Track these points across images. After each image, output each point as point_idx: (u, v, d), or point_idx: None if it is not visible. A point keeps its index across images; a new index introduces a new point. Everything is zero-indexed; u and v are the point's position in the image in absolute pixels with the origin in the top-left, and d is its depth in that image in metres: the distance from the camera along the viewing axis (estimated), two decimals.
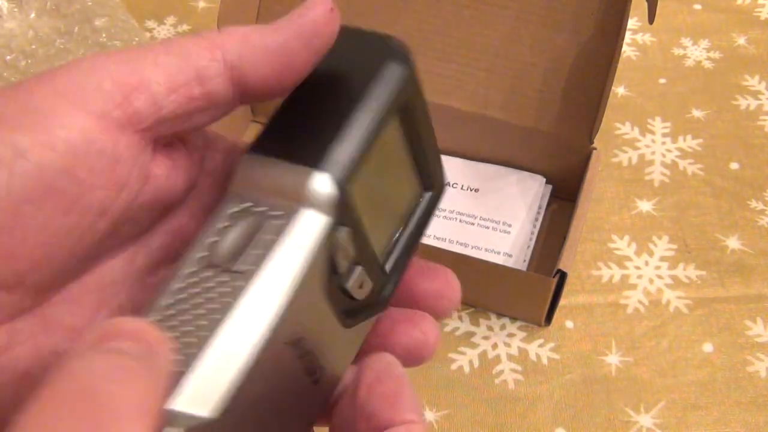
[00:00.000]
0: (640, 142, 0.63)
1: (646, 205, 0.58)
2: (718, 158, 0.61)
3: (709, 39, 0.70)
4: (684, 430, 0.47)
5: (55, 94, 0.20)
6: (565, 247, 0.48)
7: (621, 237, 0.57)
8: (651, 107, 0.65)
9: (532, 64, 0.56)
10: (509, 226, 0.56)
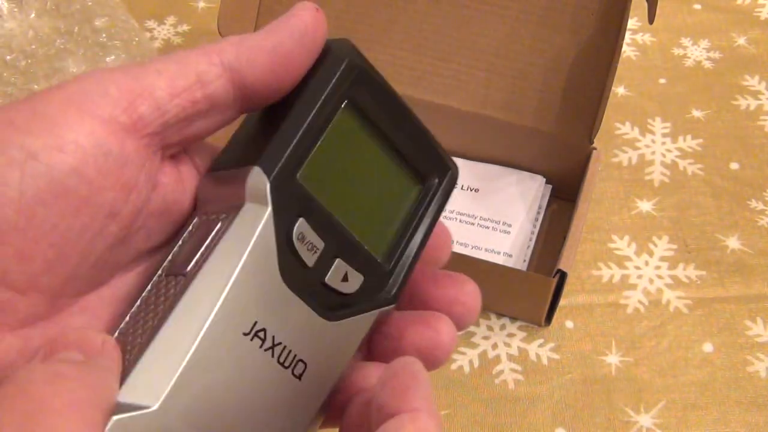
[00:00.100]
0: (640, 142, 0.63)
1: (646, 205, 0.58)
2: (718, 158, 0.61)
3: (709, 39, 0.70)
4: (684, 430, 0.47)
5: (64, 101, 0.21)
6: (565, 247, 0.48)
7: (621, 237, 0.57)
8: (651, 107, 0.65)
9: (532, 64, 0.56)
10: (509, 226, 0.56)
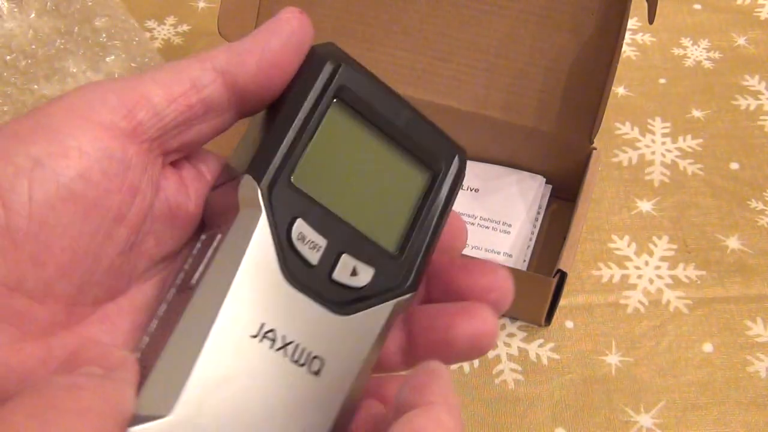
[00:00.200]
0: (640, 142, 0.63)
1: (646, 205, 0.58)
2: (718, 158, 0.61)
3: (709, 39, 0.70)
4: (684, 430, 0.47)
5: (65, 111, 0.23)
6: (565, 247, 0.48)
7: (621, 237, 0.57)
8: (651, 107, 0.65)
9: (532, 64, 0.56)
10: (509, 226, 0.55)
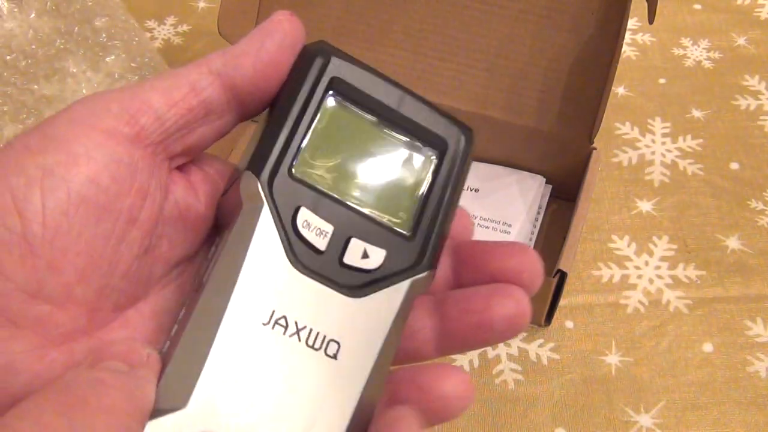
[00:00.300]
0: (640, 142, 0.63)
1: (646, 205, 0.58)
2: (718, 158, 0.61)
3: (709, 39, 0.70)
4: (684, 430, 0.47)
5: (70, 121, 0.23)
6: (565, 247, 0.48)
7: (621, 237, 0.57)
8: (651, 107, 0.65)
9: (532, 64, 0.56)
10: (509, 226, 0.55)
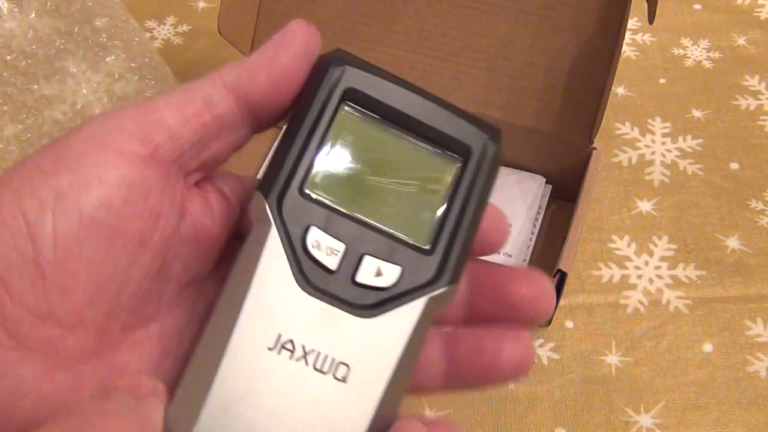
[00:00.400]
0: (640, 142, 0.63)
1: (646, 205, 0.58)
2: (718, 158, 0.61)
3: (709, 39, 0.70)
4: (684, 430, 0.47)
5: (84, 141, 0.23)
6: (565, 247, 0.48)
7: (621, 237, 0.57)
8: (651, 107, 0.65)
9: (532, 64, 0.56)
10: (509, 226, 0.55)
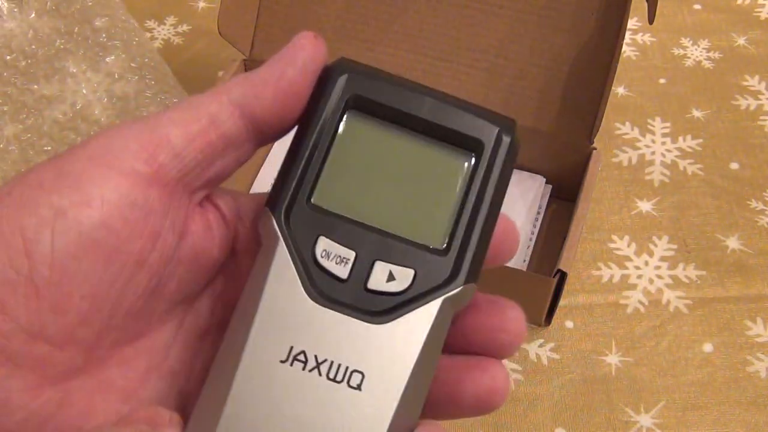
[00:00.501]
0: (640, 142, 0.63)
1: (646, 205, 0.58)
2: (718, 158, 0.61)
3: (709, 39, 0.70)
4: (684, 430, 0.47)
5: (88, 158, 0.23)
6: (565, 247, 0.48)
7: (621, 237, 0.57)
8: (651, 107, 0.65)
9: (532, 64, 0.56)
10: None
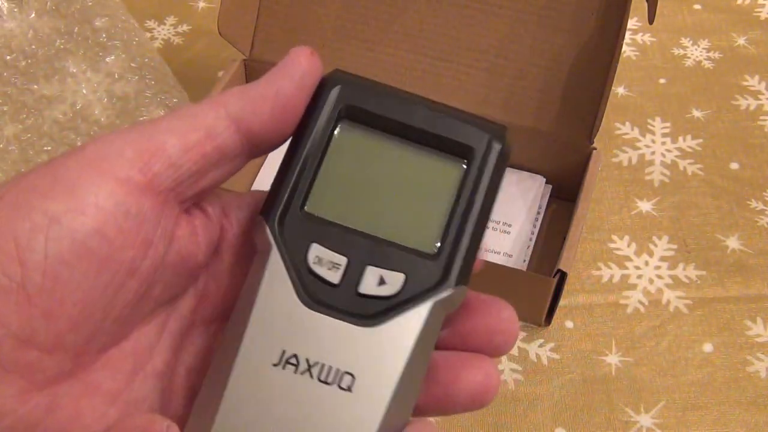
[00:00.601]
0: (640, 142, 0.63)
1: (646, 205, 0.58)
2: (718, 158, 0.61)
3: (709, 39, 0.70)
4: (684, 430, 0.47)
5: (83, 165, 0.23)
6: (565, 247, 0.48)
7: (621, 237, 0.57)
8: (651, 107, 0.65)
9: (532, 64, 0.56)
10: (509, 226, 0.55)
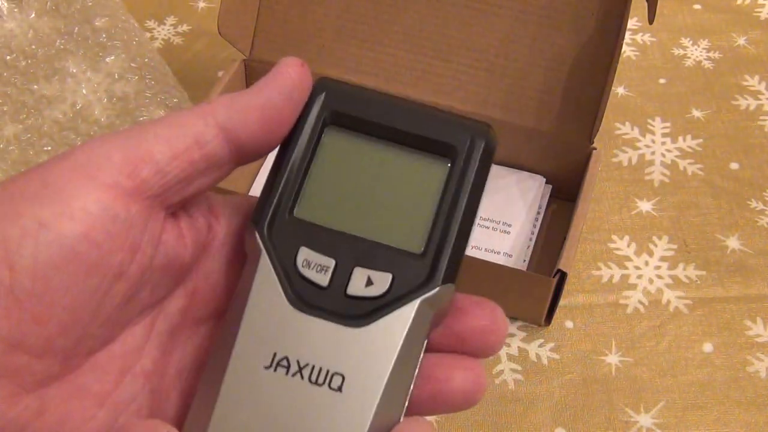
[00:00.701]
0: (640, 142, 0.63)
1: (646, 205, 0.58)
2: (718, 158, 0.61)
3: (709, 39, 0.70)
4: (684, 430, 0.47)
5: (72, 170, 0.23)
6: (565, 247, 0.48)
7: (621, 237, 0.57)
8: (651, 107, 0.65)
9: (532, 64, 0.56)
10: (509, 226, 0.55)
